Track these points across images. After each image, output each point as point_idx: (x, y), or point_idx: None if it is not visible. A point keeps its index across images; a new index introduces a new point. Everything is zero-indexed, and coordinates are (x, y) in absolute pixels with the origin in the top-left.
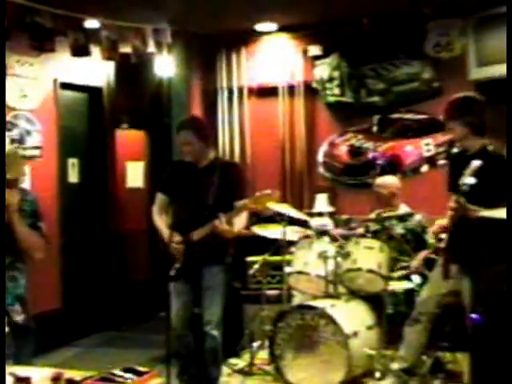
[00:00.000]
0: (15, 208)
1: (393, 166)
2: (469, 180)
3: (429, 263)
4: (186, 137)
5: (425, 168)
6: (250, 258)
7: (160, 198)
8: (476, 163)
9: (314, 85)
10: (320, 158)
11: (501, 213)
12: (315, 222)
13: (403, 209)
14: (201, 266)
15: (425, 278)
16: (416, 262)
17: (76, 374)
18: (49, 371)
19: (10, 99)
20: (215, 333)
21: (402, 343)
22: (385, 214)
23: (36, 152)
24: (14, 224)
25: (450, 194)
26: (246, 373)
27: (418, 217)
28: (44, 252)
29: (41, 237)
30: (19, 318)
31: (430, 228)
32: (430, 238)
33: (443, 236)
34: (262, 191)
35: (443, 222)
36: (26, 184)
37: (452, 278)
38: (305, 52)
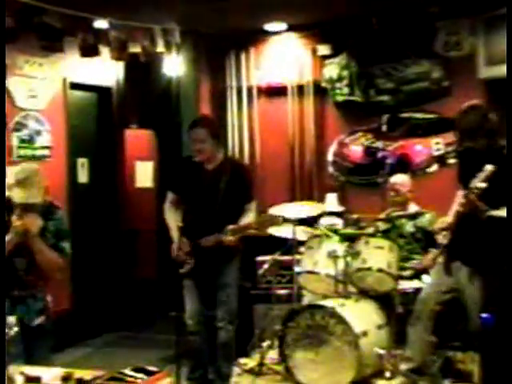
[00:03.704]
0: (35, 233)
1: (402, 165)
2: (481, 184)
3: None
4: (199, 134)
5: (434, 167)
6: (260, 258)
7: (170, 196)
8: (489, 168)
9: (324, 84)
10: (329, 157)
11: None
12: (325, 221)
13: (412, 207)
14: (212, 267)
15: None
16: (426, 260)
17: (86, 374)
18: (59, 371)
19: (20, 99)
20: (230, 327)
21: (407, 343)
22: (395, 214)
23: (45, 152)
24: (33, 249)
25: (460, 185)
26: (255, 372)
27: (428, 215)
28: (63, 272)
29: (61, 257)
30: (35, 322)
31: (436, 225)
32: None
33: (445, 233)
34: (266, 214)
35: (446, 219)
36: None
37: (453, 275)
38: (314, 51)
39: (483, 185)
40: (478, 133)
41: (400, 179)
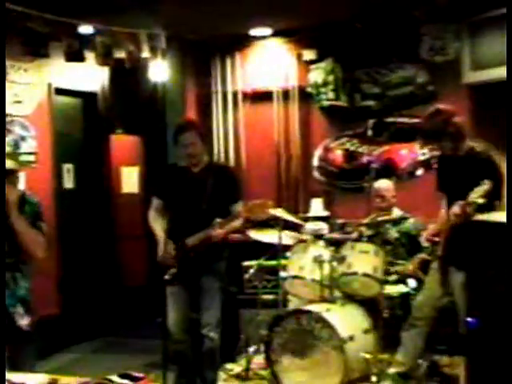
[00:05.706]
0: (14, 203)
1: (388, 169)
2: (480, 200)
3: (425, 267)
4: (190, 138)
5: (420, 172)
6: (246, 263)
7: (155, 202)
8: (487, 183)
9: (309, 89)
10: (315, 162)
11: (497, 216)
12: (310, 226)
13: (396, 212)
14: (197, 270)
15: (420, 282)
16: (412, 265)
17: (72, 380)
18: (45, 377)
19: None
20: (214, 335)
21: (399, 348)
22: (380, 218)
23: (31, 158)
24: (12, 219)
25: (439, 193)
26: (242, 378)
27: (411, 220)
28: (45, 251)
29: (41, 235)
30: (23, 322)
31: (424, 232)
32: (424, 242)
33: (436, 239)
34: (255, 200)
35: (435, 226)
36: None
37: (448, 283)
38: (299, 56)
39: (481, 201)
40: (441, 136)
41: (384, 185)
